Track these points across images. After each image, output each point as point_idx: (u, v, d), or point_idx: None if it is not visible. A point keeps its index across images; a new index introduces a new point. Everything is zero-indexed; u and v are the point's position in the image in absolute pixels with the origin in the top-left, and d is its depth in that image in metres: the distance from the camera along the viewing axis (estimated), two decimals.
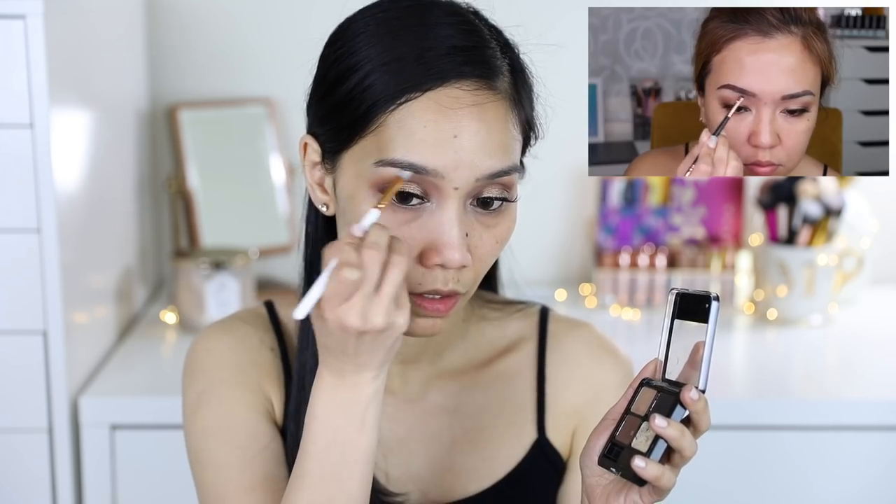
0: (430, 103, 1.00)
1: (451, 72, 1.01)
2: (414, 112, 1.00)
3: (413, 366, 1.17)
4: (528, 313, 1.23)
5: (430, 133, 1.00)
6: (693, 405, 0.96)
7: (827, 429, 1.68)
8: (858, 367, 1.88)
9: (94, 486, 1.63)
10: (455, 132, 1.00)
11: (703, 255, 2.13)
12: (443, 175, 1.00)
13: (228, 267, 1.92)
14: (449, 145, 1.00)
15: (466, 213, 1.02)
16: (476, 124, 1.01)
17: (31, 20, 1.49)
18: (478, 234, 1.03)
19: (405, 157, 1.00)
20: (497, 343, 1.21)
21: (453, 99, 1.01)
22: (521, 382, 1.20)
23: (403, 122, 1.00)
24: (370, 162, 1.01)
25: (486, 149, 1.01)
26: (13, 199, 1.53)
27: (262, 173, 2.15)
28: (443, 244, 1.01)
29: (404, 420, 1.18)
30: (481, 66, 1.02)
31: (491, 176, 1.02)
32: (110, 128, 1.87)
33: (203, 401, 1.14)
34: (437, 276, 1.02)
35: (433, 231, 1.01)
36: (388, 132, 1.01)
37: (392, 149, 1.00)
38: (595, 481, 1.02)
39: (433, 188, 1.01)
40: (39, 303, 1.55)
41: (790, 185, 2.00)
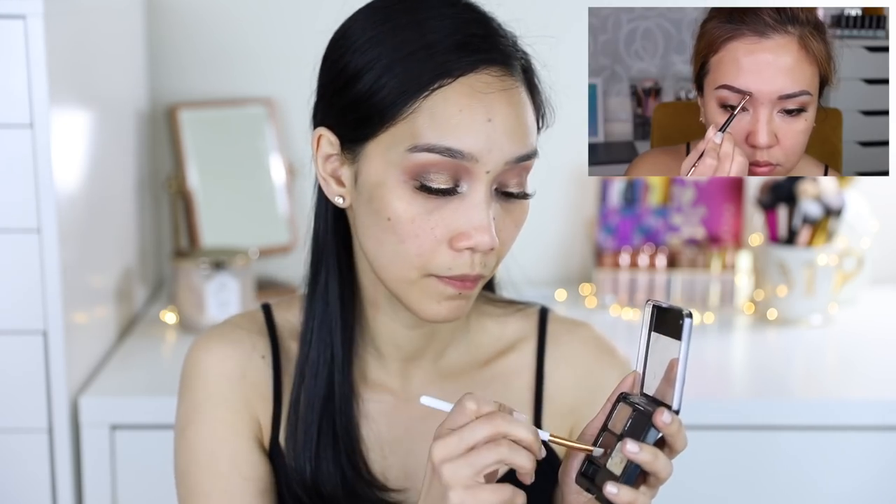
0: (463, 88, 1.02)
1: (481, 59, 1.03)
2: (448, 97, 1.02)
3: (414, 364, 1.18)
4: (527, 313, 1.23)
5: (465, 117, 1.01)
6: (666, 428, 0.95)
7: (827, 429, 1.68)
8: (858, 367, 1.88)
9: (94, 486, 1.64)
10: (489, 116, 1.02)
11: (703, 255, 2.13)
12: (477, 158, 1.01)
13: (228, 267, 1.92)
14: (482, 129, 1.01)
15: (493, 199, 1.04)
16: (507, 108, 1.02)
17: (31, 20, 1.49)
18: (501, 219, 1.05)
19: (440, 142, 1.01)
20: (497, 343, 1.21)
21: (485, 84, 1.02)
22: (519, 382, 1.20)
23: (437, 107, 1.02)
24: (402, 149, 1.02)
25: (516, 133, 1.03)
26: (13, 199, 1.53)
27: (262, 173, 2.15)
28: (474, 228, 1.02)
29: (403, 419, 1.18)
30: (502, 53, 1.04)
31: (518, 159, 1.04)
32: (110, 128, 1.87)
33: (191, 420, 1.15)
34: (465, 260, 1.03)
35: (464, 216, 1.03)
36: (421, 118, 1.02)
37: (426, 134, 1.01)
38: (574, 499, 1.03)
39: (465, 172, 1.02)
40: (39, 303, 1.55)
41: (790, 185, 2.00)
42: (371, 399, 1.17)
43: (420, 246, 1.03)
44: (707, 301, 2.11)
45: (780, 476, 1.69)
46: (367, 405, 1.17)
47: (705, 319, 2.05)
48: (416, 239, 1.03)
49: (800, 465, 1.69)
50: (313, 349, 1.15)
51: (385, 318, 1.15)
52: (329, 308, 1.14)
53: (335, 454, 1.14)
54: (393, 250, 1.05)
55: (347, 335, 1.15)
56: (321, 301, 1.15)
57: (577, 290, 2.19)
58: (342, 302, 1.14)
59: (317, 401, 1.14)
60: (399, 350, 1.17)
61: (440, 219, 1.03)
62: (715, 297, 2.11)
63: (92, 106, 1.76)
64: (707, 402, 1.67)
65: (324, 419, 1.14)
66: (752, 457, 1.68)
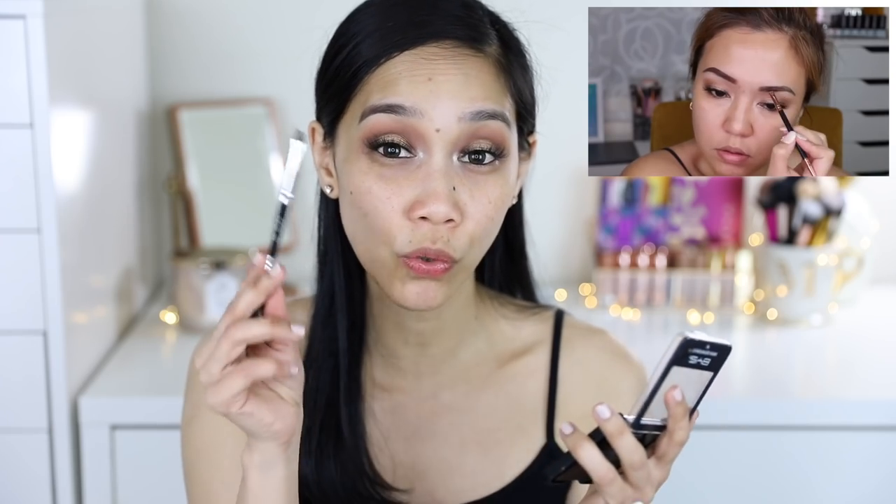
0: (408, 57, 1.03)
1: (430, 32, 1.03)
2: (393, 65, 1.03)
3: (424, 363, 1.17)
4: (543, 317, 1.22)
5: (405, 77, 1.02)
6: (565, 438, 0.94)
7: (827, 429, 1.68)
8: (858, 367, 1.88)
9: (94, 486, 1.63)
10: (430, 76, 1.02)
11: (703, 255, 2.13)
12: (421, 112, 1.01)
13: (228, 267, 1.93)
14: (424, 86, 1.02)
15: (453, 168, 1.03)
16: (453, 70, 1.02)
17: (31, 20, 1.49)
18: (467, 190, 1.03)
19: (383, 101, 1.02)
20: (511, 344, 1.21)
21: (431, 54, 1.03)
22: (532, 386, 1.19)
23: (382, 74, 1.03)
24: (357, 121, 1.04)
25: (464, 92, 1.02)
26: (13, 199, 1.53)
27: (262, 173, 2.15)
28: (427, 195, 1.01)
29: (412, 418, 1.18)
30: (466, 28, 1.04)
31: (474, 116, 1.02)
32: (110, 128, 1.87)
33: (196, 415, 1.16)
34: (425, 232, 1.02)
35: (421, 184, 1.02)
36: (370, 88, 1.03)
37: (372, 99, 1.03)
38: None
39: (416, 137, 1.02)
40: (39, 303, 1.55)
41: (790, 185, 2.00)
42: (379, 398, 1.17)
43: (380, 218, 1.03)
44: (707, 301, 2.11)
45: (780, 476, 1.69)
46: (375, 404, 1.17)
47: (705, 319, 2.05)
48: (376, 210, 1.03)
49: (799, 465, 1.69)
50: (316, 345, 1.15)
51: (390, 313, 1.14)
52: (334, 304, 1.15)
53: (337, 451, 1.14)
54: (361, 228, 1.05)
55: (356, 334, 1.15)
56: (327, 297, 1.15)
57: (577, 290, 2.19)
58: (348, 298, 1.14)
59: (320, 397, 1.14)
60: (406, 347, 1.16)
61: (396, 187, 1.02)
62: (715, 297, 2.11)
63: (92, 106, 1.76)
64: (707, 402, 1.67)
65: (327, 416, 1.14)
66: (751, 457, 1.68)
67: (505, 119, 1.04)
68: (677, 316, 2.06)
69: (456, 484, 1.17)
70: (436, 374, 1.18)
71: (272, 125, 2.15)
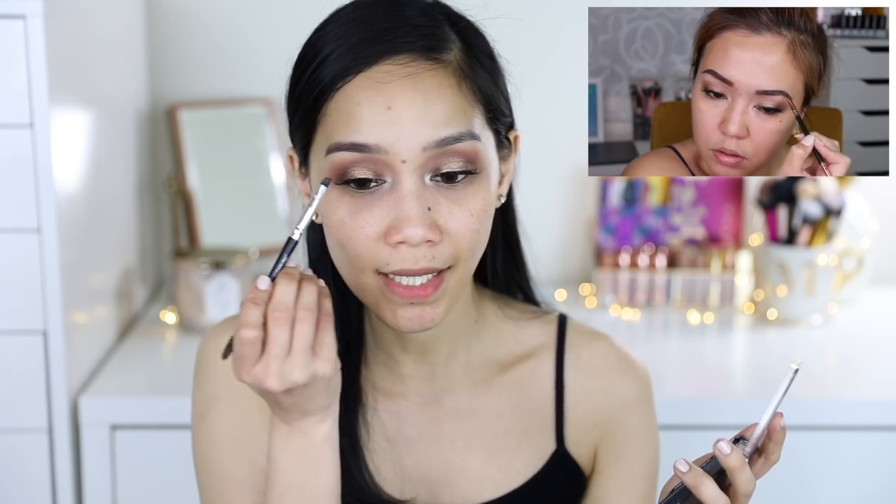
0: (362, 81, 1.01)
1: (381, 50, 1.02)
2: (349, 93, 1.02)
3: (428, 367, 1.17)
4: (546, 320, 1.22)
5: (364, 109, 1.01)
6: (682, 475, 1.02)
7: (827, 429, 1.68)
8: (858, 367, 1.88)
9: (94, 486, 1.63)
10: (388, 104, 1.00)
11: (703, 255, 2.13)
12: (385, 149, 1.00)
13: (228, 267, 1.92)
14: (384, 117, 1.00)
15: (427, 188, 1.02)
16: (411, 93, 1.01)
17: (31, 20, 1.49)
18: (445, 208, 1.02)
19: (347, 138, 1.01)
20: (515, 348, 1.20)
21: (385, 73, 1.01)
22: (538, 391, 1.19)
23: (340, 105, 1.02)
24: (323, 153, 1.03)
25: (426, 117, 1.01)
26: (13, 199, 1.53)
27: (262, 173, 2.15)
28: (400, 220, 1.01)
29: (417, 421, 1.17)
30: (422, 39, 1.03)
31: (439, 143, 1.01)
32: (110, 128, 1.87)
33: (211, 408, 1.14)
34: (404, 254, 1.02)
35: (393, 209, 1.01)
36: (331, 119, 1.02)
37: (335, 133, 1.02)
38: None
39: (384, 167, 1.01)
40: (39, 303, 1.55)
41: (790, 185, 2.00)
42: (382, 407, 1.17)
43: (356, 247, 1.03)
44: (707, 301, 2.11)
45: (780, 476, 1.69)
46: (377, 413, 1.16)
47: (705, 319, 2.05)
48: (351, 240, 1.03)
49: (799, 465, 1.68)
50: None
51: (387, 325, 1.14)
52: None
53: None
54: (342, 257, 1.05)
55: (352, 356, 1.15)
56: None
57: (577, 290, 2.18)
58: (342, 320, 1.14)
59: None
60: (406, 354, 1.16)
61: (368, 216, 1.02)
62: (715, 297, 2.11)
63: (92, 106, 1.76)
64: (707, 401, 1.67)
65: None
66: None
67: (473, 136, 1.03)
68: (677, 316, 2.06)
69: (461, 488, 1.17)
70: (438, 379, 1.17)
71: (272, 125, 2.15)
